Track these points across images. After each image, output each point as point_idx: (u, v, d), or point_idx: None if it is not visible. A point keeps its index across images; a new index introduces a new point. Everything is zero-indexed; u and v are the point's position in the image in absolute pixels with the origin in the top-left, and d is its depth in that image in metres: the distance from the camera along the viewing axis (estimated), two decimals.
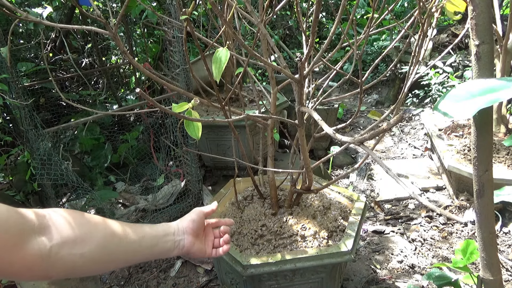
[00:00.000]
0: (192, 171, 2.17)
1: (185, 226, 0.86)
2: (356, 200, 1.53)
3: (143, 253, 0.76)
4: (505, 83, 0.62)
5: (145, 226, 0.78)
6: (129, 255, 0.72)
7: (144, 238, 0.75)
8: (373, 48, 4.30)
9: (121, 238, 0.70)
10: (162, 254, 0.80)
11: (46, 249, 0.58)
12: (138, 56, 2.86)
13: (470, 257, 1.15)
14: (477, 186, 0.78)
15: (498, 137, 2.27)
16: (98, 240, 0.66)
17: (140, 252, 0.75)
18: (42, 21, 0.69)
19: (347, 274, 1.75)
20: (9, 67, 1.43)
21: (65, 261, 0.61)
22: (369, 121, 3.57)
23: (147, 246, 0.76)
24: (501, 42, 2.07)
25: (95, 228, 0.67)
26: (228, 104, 1.07)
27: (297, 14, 0.94)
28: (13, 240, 0.54)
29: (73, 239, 0.62)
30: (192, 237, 0.85)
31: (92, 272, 0.68)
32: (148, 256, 0.78)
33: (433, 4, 0.99)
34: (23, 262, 0.56)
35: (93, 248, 0.65)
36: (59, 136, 1.87)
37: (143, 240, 0.75)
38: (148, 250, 0.76)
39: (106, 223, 0.70)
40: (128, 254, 0.72)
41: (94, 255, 0.65)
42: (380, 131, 0.80)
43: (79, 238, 0.63)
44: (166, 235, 0.80)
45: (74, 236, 0.63)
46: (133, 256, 0.74)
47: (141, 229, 0.76)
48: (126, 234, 0.71)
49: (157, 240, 0.78)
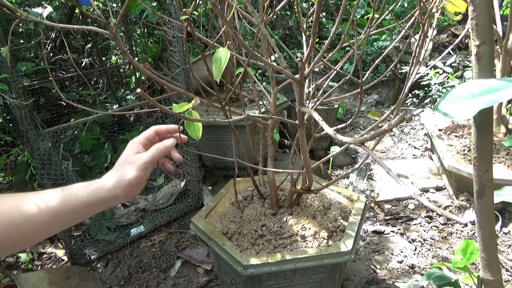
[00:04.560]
0: (192, 171, 2.17)
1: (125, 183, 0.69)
2: (356, 200, 1.53)
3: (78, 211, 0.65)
4: (505, 83, 0.62)
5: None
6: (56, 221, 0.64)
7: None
8: (373, 48, 4.30)
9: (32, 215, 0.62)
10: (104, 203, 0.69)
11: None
12: (138, 56, 2.86)
13: (470, 257, 1.14)
14: (477, 186, 0.78)
15: (498, 137, 2.27)
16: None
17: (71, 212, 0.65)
18: (42, 21, 0.69)
19: (347, 274, 1.75)
20: (9, 67, 1.43)
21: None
22: (369, 121, 3.57)
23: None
24: (501, 42, 2.07)
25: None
26: (228, 104, 1.07)
27: (298, 14, 0.94)
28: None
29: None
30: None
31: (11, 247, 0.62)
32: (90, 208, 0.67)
33: (433, 5, 0.99)
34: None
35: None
36: (59, 136, 1.87)
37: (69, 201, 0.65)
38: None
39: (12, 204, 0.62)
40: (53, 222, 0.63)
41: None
42: (381, 132, 0.80)
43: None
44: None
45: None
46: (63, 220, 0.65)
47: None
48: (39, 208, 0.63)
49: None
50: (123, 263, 1.93)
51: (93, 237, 1.97)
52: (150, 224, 2.10)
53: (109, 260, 1.96)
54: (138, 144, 0.74)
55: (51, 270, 1.85)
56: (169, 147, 0.75)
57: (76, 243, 1.92)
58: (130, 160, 0.71)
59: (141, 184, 0.71)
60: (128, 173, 0.69)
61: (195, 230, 1.45)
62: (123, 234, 2.03)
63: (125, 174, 0.69)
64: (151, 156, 0.72)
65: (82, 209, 0.66)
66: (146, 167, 0.70)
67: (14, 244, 0.62)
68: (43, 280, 1.74)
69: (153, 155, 0.72)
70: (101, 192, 0.67)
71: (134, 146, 0.74)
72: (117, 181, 0.68)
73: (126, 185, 0.68)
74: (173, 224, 2.19)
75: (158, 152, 0.73)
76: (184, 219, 2.22)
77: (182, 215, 2.22)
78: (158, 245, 2.03)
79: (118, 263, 1.93)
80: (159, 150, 0.73)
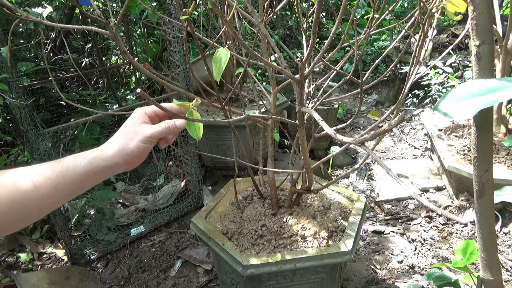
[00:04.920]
0: (192, 171, 2.17)
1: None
2: (356, 200, 1.53)
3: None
4: (506, 83, 0.62)
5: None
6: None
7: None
8: (373, 48, 4.30)
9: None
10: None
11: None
12: (138, 56, 2.86)
13: (470, 257, 1.14)
14: (477, 186, 0.78)
15: (498, 137, 2.27)
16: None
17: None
18: (42, 21, 0.68)
19: (347, 274, 1.75)
20: (9, 67, 1.43)
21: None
22: (369, 121, 3.57)
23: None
24: (501, 42, 2.07)
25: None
26: (228, 104, 1.07)
27: (298, 14, 0.94)
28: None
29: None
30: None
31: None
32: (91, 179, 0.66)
33: (433, 5, 0.99)
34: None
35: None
36: (59, 136, 1.87)
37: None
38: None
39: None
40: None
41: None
42: (381, 132, 0.80)
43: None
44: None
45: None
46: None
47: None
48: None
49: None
50: (123, 263, 1.93)
51: (93, 237, 1.97)
52: (150, 224, 2.10)
53: (109, 260, 1.96)
54: (145, 115, 0.72)
55: (51, 270, 1.85)
56: (179, 127, 0.72)
57: (76, 243, 1.92)
58: (135, 130, 0.68)
59: (142, 156, 0.69)
60: (131, 143, 0.66)
61: (195, 230, 1.45)
62: (123, 234, 2.03)
63: (128, 143, 0.66)
64: (159, 131, 0.69)
65: (81, 180, 0.64)
66: (151, 141, 0.68)
67: (16, 221, 0.60)
68: (43, 280, 1.74)
69: (162, 131, 0.69)
70: (98, 161, 0.65)
71: (141, 116, 0.71)
72: (119, 149, 0.66)
73: (127, 154, 0.66)
74: (173, 224, 2.19)
75: (167, 130, 0.70)
76: (184, 219, 2.22)
77: (182, 215, 2.22)
78: (158, 245, 2.03)
79: (118, 263, 1.93)
80: (168, 128, 0.70)
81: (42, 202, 0.61)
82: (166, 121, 0.71)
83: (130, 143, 0.66)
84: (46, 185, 0.61)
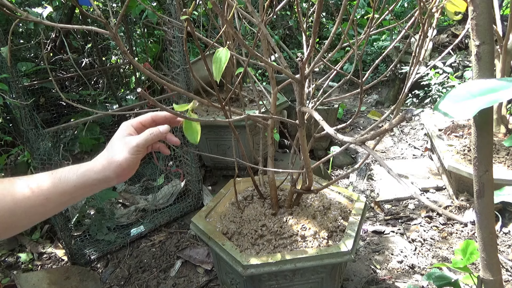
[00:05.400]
0: (192, 171, 2.17)
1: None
2: (356, 200, 1.53)
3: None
4: (506, 83, 0.62)
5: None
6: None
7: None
8: (373, 48, 4.30)
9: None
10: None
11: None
12: (138, 56, 2.86)
13: (470, 257, 1.14)
14: (477, 186, 0.78)
15: (498, 137, 2.27)
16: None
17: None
18: (42, 21, 0.68)
19: (347, 274, 1.75)
20: (9, 67, 1.43)
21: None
22: (369, 121, 3.57)
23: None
24: (501, 42, 2.07)
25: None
26: (228, 104, 1.07)
27: (298, 14, 0.94)
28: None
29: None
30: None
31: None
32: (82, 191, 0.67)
33: (433, 5, 0.99)
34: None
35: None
36: (59, 136, 1.87)
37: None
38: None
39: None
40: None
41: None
42: (381, 132, 0.80)
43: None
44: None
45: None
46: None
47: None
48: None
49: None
50: (123, 263, 1.93)
51: (93, 237, 1.97)
52: (150, 224, 2.10)
53: (109, 260, 1.96)
54: (130, 126, 0.73)
55: (51, 270, 1.85)
56: (163, 132, 0.73)
57: (76, 243, 1.92)
58: (121, 142, 0.70)
59: (132, 168, 0.70)
60: (119, 155, 0.68)
61: (195, 230, 1.45)
62: (123, 234, 2.03)
63: (116, 156, 0.68)
64: (144, 139, 0.70)
65: (73, 192, 0.66)
66: (138, 150, 0.69)
67: (7, 229, 0.61)
68: (43, 280, 1.74)
69: (147, 138, 0.71)
70: (90, 174, 0.66)
71: (126, 128, 0.73)
72: (107, 162, 0.67)
73: (116, 167, 0.67)
74: (173, 224, 2.19)
75: (152, 137, 0.71)
76: (184, 219, 2.22)
77: (182, 215, 2.22)
78: (158, 245, 2.03)
79: (118, 263, 1.93)
80: (153, 135, 0.72)
81: (33, 211, 0.63)
82: (150, 128, 0.73)
83: (118, 156, 0.68)
84: (38, 195, 0.63)
